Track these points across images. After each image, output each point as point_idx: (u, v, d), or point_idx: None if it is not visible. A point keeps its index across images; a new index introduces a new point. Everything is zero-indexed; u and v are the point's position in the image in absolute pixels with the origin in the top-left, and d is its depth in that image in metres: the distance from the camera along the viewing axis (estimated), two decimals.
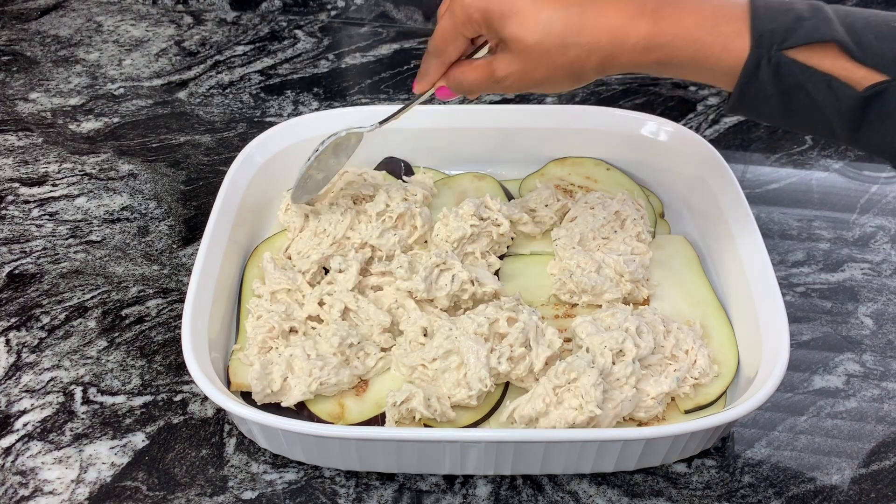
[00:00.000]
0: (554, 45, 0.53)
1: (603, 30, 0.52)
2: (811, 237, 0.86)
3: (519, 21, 0.53)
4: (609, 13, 0.52)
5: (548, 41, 0.53)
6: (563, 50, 0.53)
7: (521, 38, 0.54)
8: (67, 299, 0.78)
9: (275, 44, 1.16)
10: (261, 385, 0.65)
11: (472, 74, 0.59)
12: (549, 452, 0.61)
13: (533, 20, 0.53)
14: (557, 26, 0.52)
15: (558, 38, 0.53)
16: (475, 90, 0.60)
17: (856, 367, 0.73)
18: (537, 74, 0.55)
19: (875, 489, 0.64)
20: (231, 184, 0.77)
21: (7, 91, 1.06)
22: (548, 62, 0.54)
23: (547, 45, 0.53)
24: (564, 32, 0.52)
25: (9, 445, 0.66)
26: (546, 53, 0.53)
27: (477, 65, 0.59)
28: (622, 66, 0.54)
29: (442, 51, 0.59)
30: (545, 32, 0.53)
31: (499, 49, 0.57)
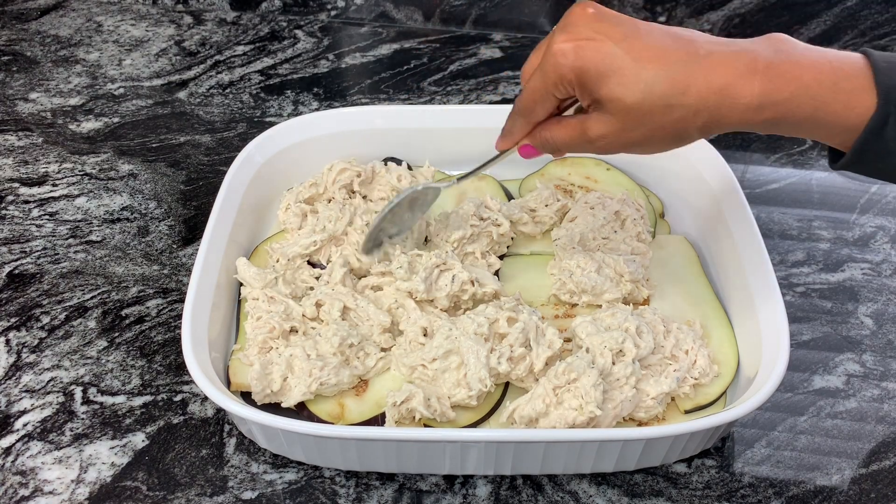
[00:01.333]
0: (657, 105, 0.50)
1: (712, 89, 0.49)
2: (811, 237, 0.86)
3: (617, 80, 0.50)
4: (718, 71, 0.49)
5: (650, 101, 0.50)
6: (666, 111, 0.50)
7: (619, 98, 0.50)
8: (67, 299, 0.78)
9: (275, 44, 1.16)
10: (260, 385, 0.65)
11: (562, 133, 0.56)
12: (549, 452, 0.61)
13: (634, 79, 0.50)
14: (661, 86, 0.49)
15: (661, 99, 0.50)
16: (564, 150, 0.57)
17: (856, 367, 0.73)
18: (635, 136, 0.52)
19: (875, 489, 0.64)
20: (231, 184, 0.77)
21: (7, 91, 1.06)
22: (648, 123, 0.51)
23: (649, 106, 0.50)
24: (668, 92, 0.49)
25: (9, 445, 0.66)
26: (647, 114, 0.50)
27: (567, 123, 0.56)
28: (730, 125, 0.51)
29: (530, 111, 0.57)
30: (647, 92, 0.50)
31: (592, 109, 0.54)
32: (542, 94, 0.54)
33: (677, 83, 0.49)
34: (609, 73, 0.50)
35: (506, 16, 1.18)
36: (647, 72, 0.49)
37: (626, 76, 0.50)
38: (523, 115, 0.57)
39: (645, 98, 0.50)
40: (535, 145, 0.59)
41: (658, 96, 0.50)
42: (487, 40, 1.17)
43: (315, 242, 0.75)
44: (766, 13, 1.11)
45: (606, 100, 0.51)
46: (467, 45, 1.16)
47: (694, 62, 0.49)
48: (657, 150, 0.54)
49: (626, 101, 0.50)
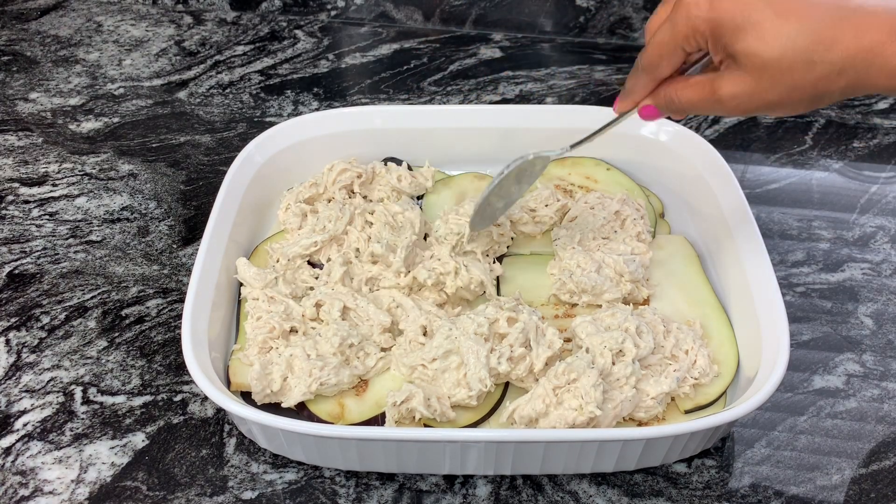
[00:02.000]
0: (798, 61, 0.47)
1: (862, 47, 0.45)
2: (811, 237, 0.86)
3: (757, 34, 0.47)
4: (870, 28, 0.45)
5: (790, 57, 0.47)
6: (807, 67, 0.47)
7: (757, 54, 0.47)
8: (67, 299, 0.78)
9: (275, 44, 1.16)
10: (260, 385, 0.65)
11: (690, 93, 0.53)
12: (549, 452, 0.61)
13: (774, 33, 0.46)
14: (804, 40, 0.46)
15: (804, 54, 0.46)
16: (689, 110, 0.54)
17: (856, 367, 0.73)
18: (770, 96, 0.49)
19: (875, 489, 0.64)
20: (231, 184, 0.77)
21: (7, 91, 1.06)
22: (786, 82, 0.48)
23: (789, 62, 0.47)
24: (811, 48, 0.46)
25: (9, 445, 0.66)
26: (786, 72, 0.47)
27: (695, 81, 0.53)
28: (876, 89, 0.47)
29: (655, 66, 0.54)
30: (788, 47, 0.46)
31: (724, 66, 0.51)
32: (670, 48, 0.52)
33: (822, 38, 0.46)
34: (747, 25, 0.47)
35: (506, 16, 1.18)
36: (790, 25, 0.46)
37: (766, 29, 0.47)
38: (648, 72, 0.55)
39: (785, 53, 0.47)
40: (658, 105, 0.56)
41: (800, 52, 0.46)
42: (487, 40, 1.17)
43: (315, 243, 0.75)
44: None
45: (742, 55, 0.48)
46: (467, 45, 1.16)
47: (843, 17, 0.46)
48: (791, 112, 0.51)
49: (765, 56, 0.47)
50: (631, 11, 1.14)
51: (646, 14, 1.14)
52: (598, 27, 1.16)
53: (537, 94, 1.07)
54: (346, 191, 0.83)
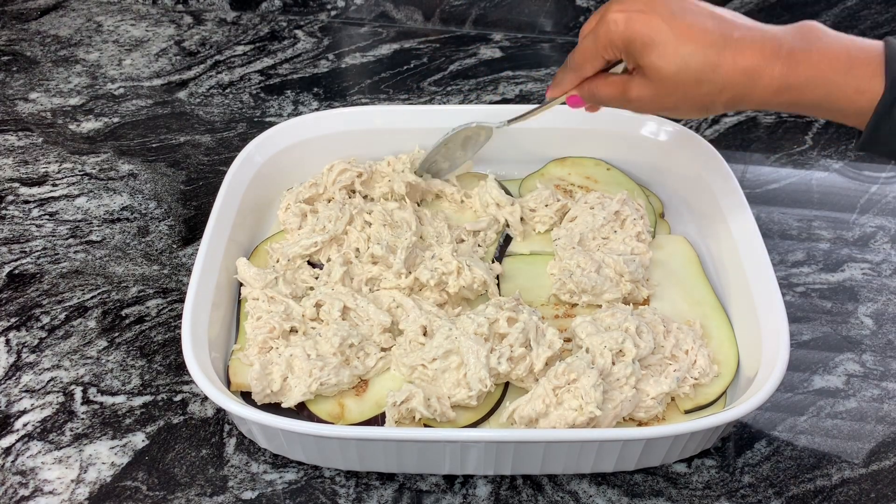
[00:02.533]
0: (689, 78, 0.57)
1: (738, 70, 0.55)
2: (811, 237, 0.86)
3: (658, 53, 0.57)
4: (746, 55, 0.55)
5: (683, 75, 0.56)
6: (696, 85, 0.57)
7: (658, 68, 0.57)
8: (67, 299, 0.78)
9: (275, 44, 1.16)
10: (260, 385, 0.65)
11: (607, 89, 0.63)
12: (549, 452, 0.61)
13: (672, 53, 0.56)
14: (695, 62, 0.56)
15: (694, 74, 0.56)
16: (605, 104, 0.65)
17: (856, 367, 0.73)
18: (667, 102, 0.59)
19: (875, 489, 0.64)
20: (231, 184, 0.77)
21: (7, 91, 1.06)
22: (680, 93, 0.58)
23: (682, 78, 0.57)
24: (700, 69, 0.56)
25: (9, 445, 0.66)
26: (680, 85, 0.57)
27: (612, 81, 0.63)
28: (751, 103, 0.57)
29: (580, 66, 0.64)
30: (682, 66, 0.56)
31: (635, 73, 0.61)
32: (592, 54, 0.62)
33: (709, 62, 0.56)
34: (652, 45, 0.57)
35: (506, 16, 1.18)
36: (685, 48, 0.56)
37: (667, 50, 0.56)
38: (574, 70, 0.64)
39: (680, 71, 0.56)
40: (582, 96, 0.66)
41: (691, 71, 0.56)
42: (487, 40, 1.17)
43: (315, 243, 0.75)
44: (766, 13, 1.11)
45: (647, 67, 0.58)
46: (467, 45, 1.16)
47: (726, 44, 0.56)
48: (685, 117, 0.62)
49: (664, 71, 0.57)
50: None
51: None
52: None
53: (537, 94, 1.07)
54: (346, 191, 0.83)
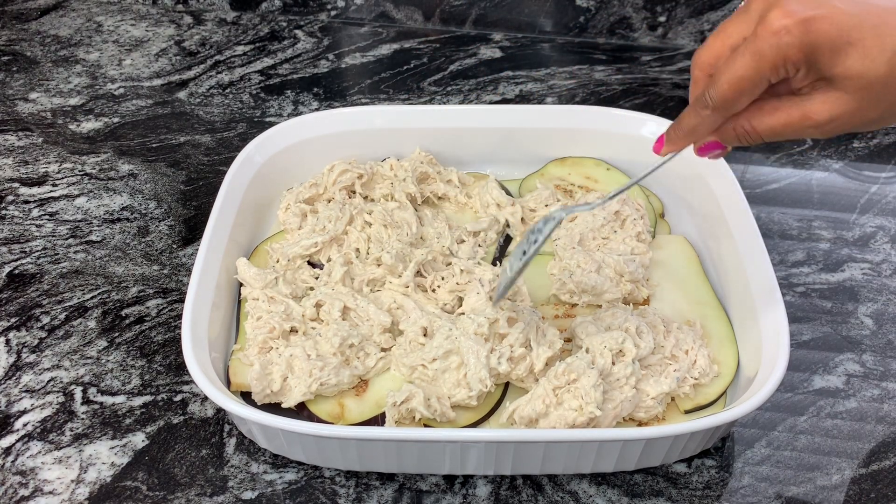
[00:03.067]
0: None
1: None
2: (811, 237, 0.86)
3: (859, 53, 0.44)
4: None
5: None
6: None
7: (861, 74, 0.44)
8: (67, 299, 0.78)
9: (275, 44, 1.16)
10: (260, 385, 0.65)
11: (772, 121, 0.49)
12: (549, 452, 0.61)
13: (879, 50, 0.44)
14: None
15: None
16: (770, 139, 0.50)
17: (856, 367, 0.73)
18: (873, 114, 0.46)
19: (875, 489, 0.64)
20: (231, 184, 0.77)
21: (7, 91, 1.06)
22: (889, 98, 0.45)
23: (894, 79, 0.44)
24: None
25: (9, 445, 0.66)
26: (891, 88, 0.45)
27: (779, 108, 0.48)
28: None
29: (733, 103, 0.48)
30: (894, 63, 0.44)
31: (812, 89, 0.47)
32: (753, 82, 0.47)
33: None
34: (847, 45, 0.44)
35: (506, 16, 1.18)
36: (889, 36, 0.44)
37: (869, 47, 0.44)
38: (722, 110, 0.49)
39: (892, 70, 0.44)
40: (725, 139, 0.51)
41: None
42: (487, 40, 1.17)
43: (316, 244, 0.75)
44: None
45: (843, 77, 0.45)
46: (467, 45, 1.16)
47: None
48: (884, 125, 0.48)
49: (870, 75, 0.44)
50: (631, 11, 1.14)
51: (646, 14, 1.14)
52: (598, 27, 1.16)
53: (537, 94, 1.07)
54: (346, 191, 0.83)
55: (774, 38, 0.45)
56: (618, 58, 1.14)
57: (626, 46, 1.16)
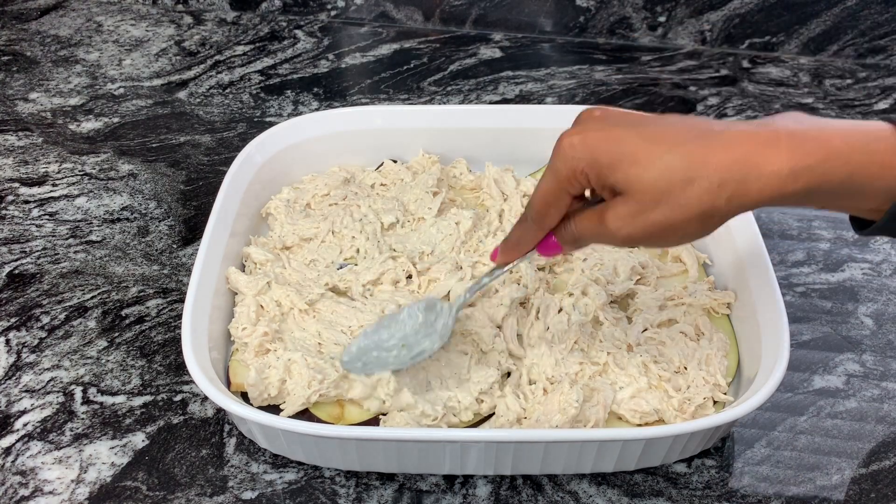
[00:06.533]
0: (676, 180, 0.47)
1: (733, 159, 0.46)
2: (811, 237, 0.86)
3: (631, 161, 0.48)
4: (737, 142, 0.47)
5: (667, 177, 0.47)
6: (687, 184, 0.47)
7: (636, 178, 0.48)
8: (67, 299, 0.78)
9: (275, 44, 1.16)
10: (257, 391, 0.64)
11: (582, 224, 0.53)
12: (549, 452, 0.61)
13: (648, 158, 0.48)
14: (678, 161, 0.47)
15: (680, 173, 0.47)
16: (585, 242, 0.54)
17: (856, 367, 0.73)
18: (656, 217, 0.48)
19: (875, 489, 0.64)
20: (231, 184, 0.77)
21: (7, 91, 1.06)
22: (669, 202, 0.48)
23: (667, 182, 0.47)
24: (687, 166, 0.47)
25: (9, 445, 0.66)
26: (666, 192, 0.47)
27: (587, 214, 0.52)
28: (761, 197, 0.47)
29: (543, 216, 0.53)
30: (664, 168, 0.47)
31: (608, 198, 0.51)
32: (555, 195, 0.52)
33: (695, 157, 0.47)
34: (622, 156, 0.48)
35: (506, 16, 1.18)
36: (662, 150, 0.48)
37: (640, 156, 0.48)
38: (536, 222, 0.54)
39: (662, 174, 0.47)
40: (562, 241, 0.55)
41: (676, 171, 0.47)
42: (487, 40, 1.17)
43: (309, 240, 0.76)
44: (765, 13, 1.11)
45: (622, 181, 0.49)
46: (467, 45, 1.16)
47: (710, 138, 0.48)
48: (684, 238, 0.50)
49: (643, 179, 0.48)
50: (631, 11, 1.14)
51: (646, 14, 1.14)
52: (598, 27, 1.16)
53: (537, 94, 1.07)
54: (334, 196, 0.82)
55: (563, 153, 0.50)
56: (618, 58, 1.14)
57: (626, 46, 1.16)
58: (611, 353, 0.67)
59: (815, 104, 1.05)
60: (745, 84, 1.09)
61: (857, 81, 1.09)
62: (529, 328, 0.69)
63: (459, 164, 0.86)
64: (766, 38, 1.13)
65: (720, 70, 1.11)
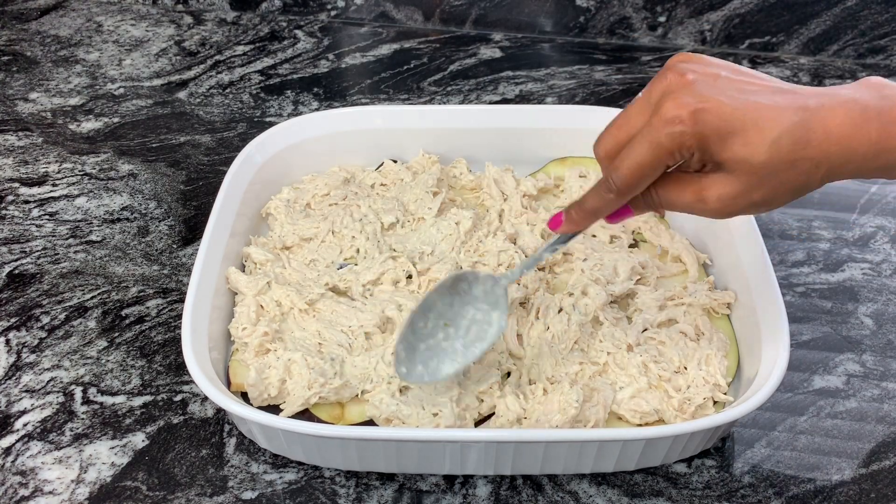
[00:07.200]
0: (782, 162, 0.49)
1: (832, 140, 0.49)
2: (811, 237, 0.86)
3: (743, 141, 0.49)
4: (835, 121, 0.49)
5: (776, 159, 0.49)
6: (791, 166, 0.49)
7: (746, 159, 0.49)
8: (67, 299, 0.78)
9: (275, 44, 1.16)
10: (257, 391, 0.64)
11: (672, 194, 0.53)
12: (549, 452, 0.61)
13: (759, 139, 0.49)
14: (785, 142, 0.49)
15: (787, 155, 0.49)
16: (669, 209, 0.55)
17: (856, 367, 0.73)
18: (757, 196, 0.51)
19: (875, 489, 0.64)
20: (231, 184, 0.77)
21: (7, 91, 1.06)
22: (773, 181, 0.50)
23: (775, 164, 0.49)
24: (792, 148, 0.49)
25: (9, 445, 0.66)
26: (773, 172, 0.49)
27: (679, 181, 0.53)
28: (848, 174, 0.50)
29: (633, 187, 0.52)
30: (774, 150, 0.49)
31: (708, 170, 0.52)
32: (652, 168, 0.51)
33: (799, 138, 0.49)
34: (732, 134, 0.49)
35: (506, 16, 1.18)
36: (770, 130, 0.49)
37: (751, 136, 0.49)
38: (623, 193, 0.53)
39: (772, 156, 0.49)
40: (636, 208, 0.56)
41: (784, 153, 0.49)
42: (487, 40, 1.17)
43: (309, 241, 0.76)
44: (765, 13, 1.11)
45: (731, 161, 0.50)
46: (467, 45, 1.16)
47: (809, 116, 0.49)
48: (775, 207, 0.53)
49: (753, 161, 0.49)
50: (631, 11, 1.14)
51: (646, 14, 1.14)
52: (598, 27, 1.16)
53: (537, 94, 1.07)
54: (334, 196, 0.82)
55: (668, 127, 0.49)
56: (618, 58, 1.14)
57: (626, 46, 1.16)
58: (611, 353, 0.67)
59: None
60: None
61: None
62: (529, 328, 0.69)
63: (459, 164, 0.86)
64: (766, 38, 1.13)
65: None
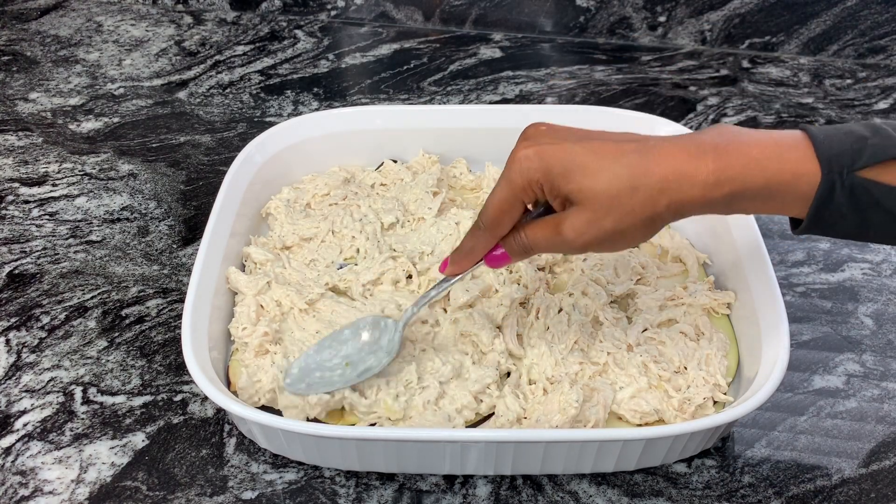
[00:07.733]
0: (623, 188, 0.52)
1: (669, 169, 0.52)
2: (811, 237, 0.86)
3: (582, 173, 0.53)
4: (670, 155, 0.53)
5: (616, 186, 0.52)
6: (632, 192, 0.53)
7: (589, 187, 0.53)
8: (67, 299, 0.78)
9: (275, 44, 1.16)
10: (246, 394, 0.64)
11: (536, 233, 0.57)
12: (549, 452, 0.61)
13: (598, 169, 0.53)
14: (623, 172, 0.52)
15: (628, 181, 0.52)
16: (538, 250, 0.58)
17: (856, 367, 0.73)
18: (607, 224, 0.54)
19: (875, 489, 0.64)
20: (231, 184, 0.77)
21: (7, 91, 1.06)
22: (618, 208, 0.53)
23: (616, 189, 0.53)
24: (631, 175, 0.52)
25: (9, 445, 0.66)
26: (615, 198, 0.53)
27: (542, 221, 0.56)
28: (694, 204, 0.53)
29: (497, 223, 0.57)
30: (612, 178, 0.52)
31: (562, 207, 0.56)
32: (509, 203, 0.56)
33: (637, 169, 0.52)
34: (574, 168, 0.53)
35: (506, 16, 1.18)
36: (608, 162, 0.53)
37: (590, 168, 0.53)
38: (489, 230, 0.58)
39: (611, 183, 0.52)
40: (510, 251, 0.59)
41: (623, 180, 0.52)
42: (487, 40, 1.17)
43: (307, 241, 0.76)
44: (765, 13, 1.11)
45: (576, 192, 0.53)
46: (467, 45, 1.16)
47: (647, 152, 0.53)
48: (632, 242, 0.56)
49: (596, 188, 0.53)
50: (631, 11, 1.14)
51: (646, 14, 1.14)
52: (598, 27, 1.16)
53: (537, 94, 1.07)
54: (334, 196, 0.82)
55: (518, 165, 0.54)
56: (618, 58, 1.14)
57: (626, 46, 1.16)
58: (611, 353, 0.67)
59: (815, 104, 1.05)
60: (745, 84, 1.09)
61: (857, 81, 1.09)
62: (529, 328, 0.69)
63: (459, 164, 0.86)
64: (766, 38, 1.13)
65: (720, 70, 1.11)
